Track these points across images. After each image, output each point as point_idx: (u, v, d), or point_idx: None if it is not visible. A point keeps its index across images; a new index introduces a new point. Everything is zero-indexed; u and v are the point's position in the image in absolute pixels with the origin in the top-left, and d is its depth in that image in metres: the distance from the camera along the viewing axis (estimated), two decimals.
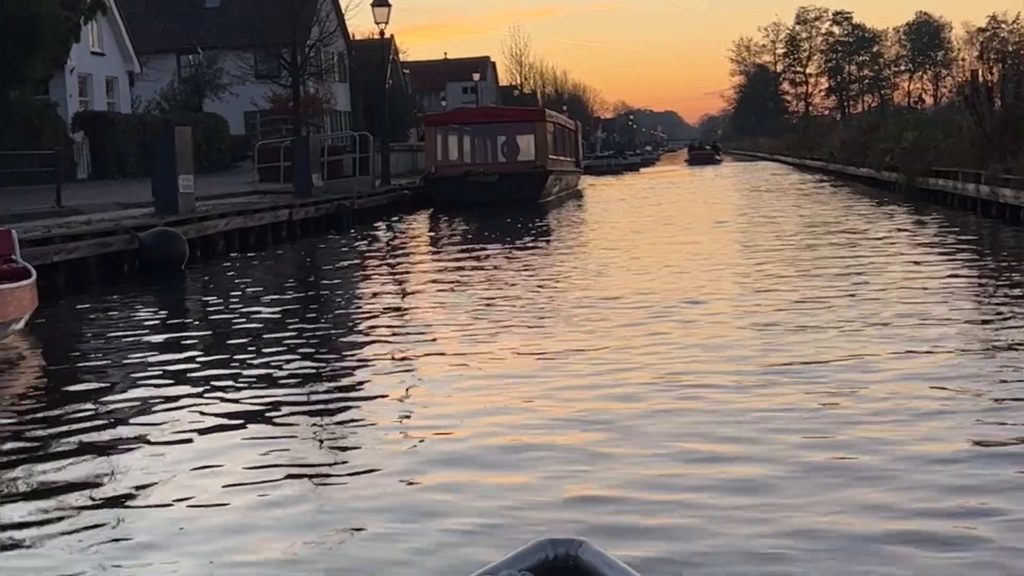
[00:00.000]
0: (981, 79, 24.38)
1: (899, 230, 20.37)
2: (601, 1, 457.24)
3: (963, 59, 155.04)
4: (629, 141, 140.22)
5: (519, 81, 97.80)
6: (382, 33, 69.12)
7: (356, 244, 24.07)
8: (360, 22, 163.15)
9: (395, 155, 51.31)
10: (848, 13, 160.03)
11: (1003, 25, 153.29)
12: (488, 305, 12.69)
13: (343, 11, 71.63)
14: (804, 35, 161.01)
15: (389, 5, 34.39)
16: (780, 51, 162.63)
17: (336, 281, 17.00)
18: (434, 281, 15.67)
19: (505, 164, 36.44)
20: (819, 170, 49.09)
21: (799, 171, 56.12)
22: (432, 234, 26.62)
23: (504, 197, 34.08)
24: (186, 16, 62.40)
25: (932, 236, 19.26)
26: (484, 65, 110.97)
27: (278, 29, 65.52)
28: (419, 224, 29.92)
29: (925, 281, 13.09)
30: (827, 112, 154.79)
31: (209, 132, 47.53)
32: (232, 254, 21.13)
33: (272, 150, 33.08)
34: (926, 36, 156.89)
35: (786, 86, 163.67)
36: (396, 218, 31.14)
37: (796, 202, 30.39)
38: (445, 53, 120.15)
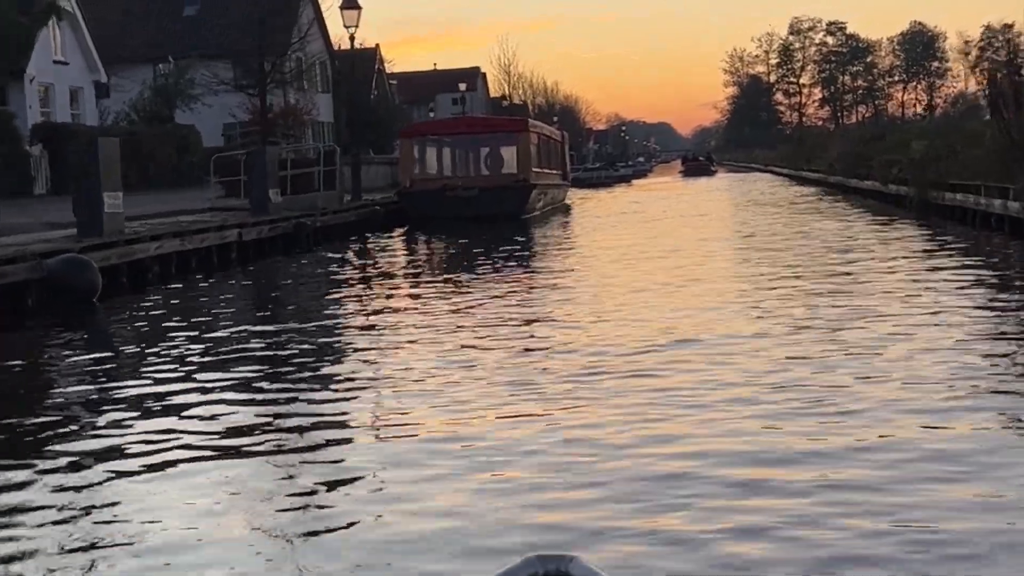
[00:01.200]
0: (1002, 81, 21.82)
1: (917, 254, 17.84)
2: (597, 13, 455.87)
3: (956, 72, 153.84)
4: (621, 152, 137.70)
5: (507, 91, 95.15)
6: (352, 38, 65.49)
7: (313, 268, 21.54)
8: (344, 32, 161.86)
9: (376, 168, 48.80)
10: (842, 23, 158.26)
11: (998, 35, 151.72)
12: (459, 358, 10.05)
13: (324, 19, 69.77)
14: (798, 45, 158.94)
15: (359, 8, 31.87)
16: (773, 61, 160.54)
17: (277, 316, 14.45)
18: (393, 322, 13.14)
19: (486, 177, 33.89)
20: (817, 183, 46.53)
21: (796, 183, 53.64)
22: (401, 256, 24.05)
23: (484, 212, 31.56)
24: (164, 25, 59.94)
25: (956, 261, 16.78)
26: (474, 76, 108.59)
27: (262, 37, 63.08)
28: (389, 244, 27.38)
29: (959, 321, 10.64)
30: (821, 123, 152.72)
31: (180, 144, 45.06)
32: (169, 283, 18.57)
33: (231, 162, 30.54)
34: (920, 46, 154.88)
35: (780, 97, 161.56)
36: (369, 236, 28.69)
37: (798, 218, 27.83)
38: (435, 64, 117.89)
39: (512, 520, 5.46)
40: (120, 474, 6.65)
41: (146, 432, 7.65)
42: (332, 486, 6.23)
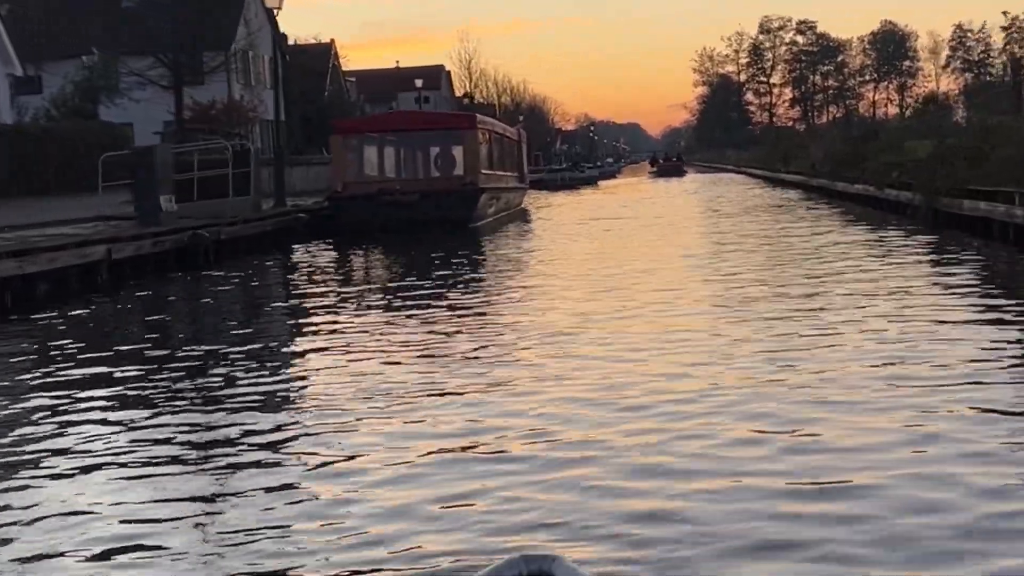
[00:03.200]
0: None
1: (939, 281, 13.76)
2: (566, 14, 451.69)
3: (927, 71, 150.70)
4: (589, 153, 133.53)
5: (468, 89, 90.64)
6: (274, 18, 60.27)
7: (201, 293, 17.27)
8: (299, 28, 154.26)
9: (318, 169, 44.53)
10: (812, 22, 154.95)
11: (969, 34, 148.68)
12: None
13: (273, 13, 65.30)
14: (768, 44, 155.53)
15: None
16: (743, 61, 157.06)
17: (129, 361, 10.19)
18: (290, 376, 9.20)
19: (428, 180, 29.64)
20: (798, 185, 42.29)
21: (773, 186, 49.47)
22: (315, 276, 19.76)
23: (426, 220, 27.35)
24: (99, 16, 55.29)
25: (988, 287, 12.76)
26: (437, 74, 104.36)
27: (199, 30, 58.76)
28: (308, 259, 23.10)
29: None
30: (792, 123, 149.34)
31: (106, 143, 40.57)
32: (9, 316, 14.30)
33: (122, 164, 26.19)
34: (891, 45, 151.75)
35: (750, 96, 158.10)
36: (292, 248, 24.44)
37: (783, 228, 23.67)
38: (397, 62, 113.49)
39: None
40: None
41: None
42: None
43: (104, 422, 7.91)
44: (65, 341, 12.02)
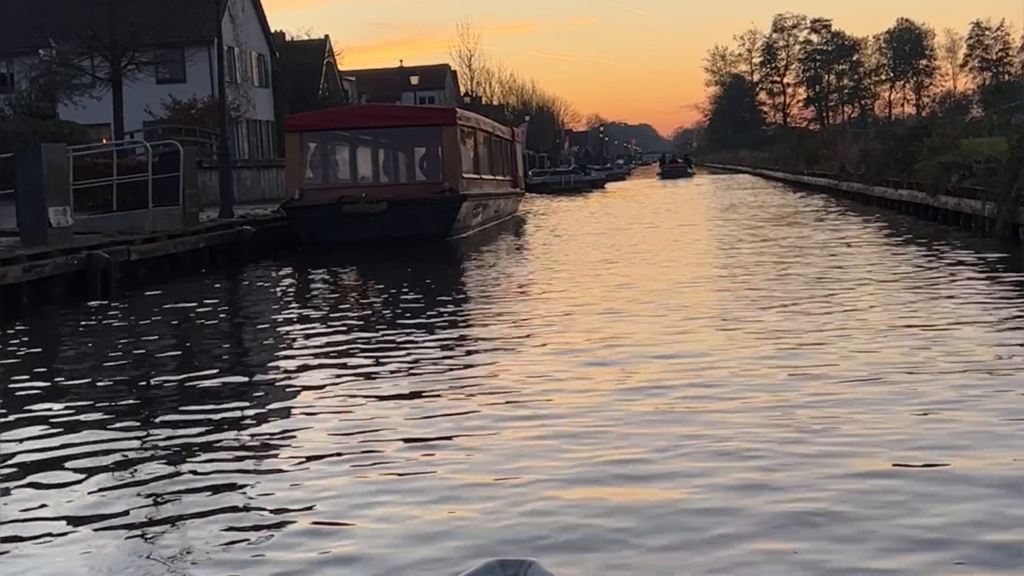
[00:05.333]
0: None
1: None
2: (578, 15, 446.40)
3: (944, 70, 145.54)
4: (597, 154, 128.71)
5: (470, 87, 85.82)
6: (262, 13, 56.33)
7: (63, 339, 12.77)
8: (292, 24, 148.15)
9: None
10: (827, 21, 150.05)
11: (987, 32, 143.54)
12: None
13: (262, 7, 60.92)
14: (781, 43, 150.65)
15: None
16: (757, 60, 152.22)
17: None
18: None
19: (399, 186, 25.05)
20: (825, 190, 37.41)
21: (795, 189, 44.63)
22: (240, 315, 15.25)
23: (397, 234, 22.87)
24: (76, 8, 50.83)
25: None
26: (442, 73, 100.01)
27: (180, 24, 54.40)
28: (241, 286, 18.60)
29: None
30: (806, 123, 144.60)
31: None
32: None
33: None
34: (908, 44, 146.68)
35: (763, 96, 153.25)
36: (242, 267, 19.96)
37: (824, 250, 19.04)
38: (401, 61, 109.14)
39: None
40: None
41: None
42: None
43: None
44: None
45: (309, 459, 6.44)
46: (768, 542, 4.70)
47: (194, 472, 6.26)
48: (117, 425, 7.59)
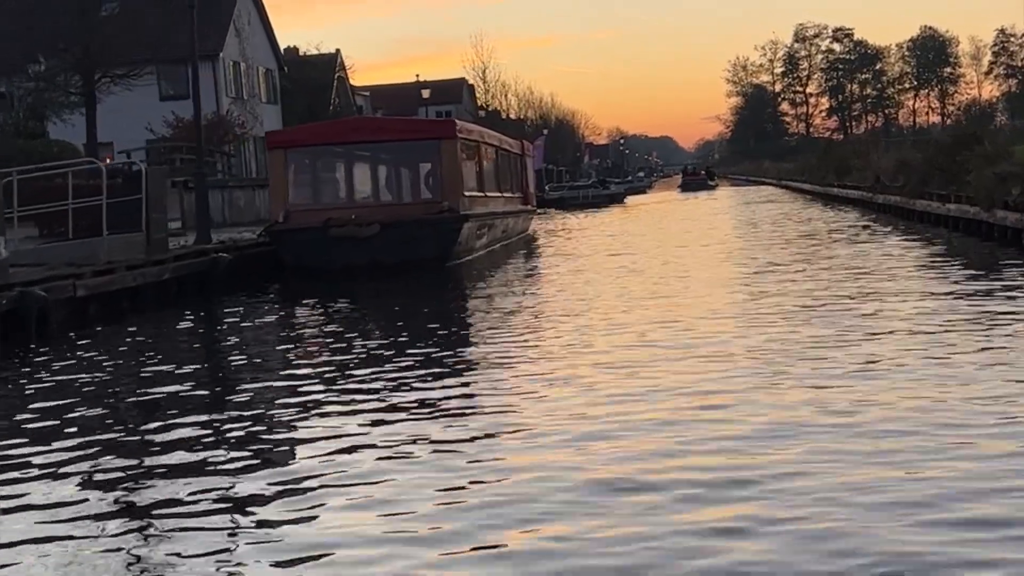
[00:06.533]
0: None
1: None
2: (598, 28, 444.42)
3: (969, 78, 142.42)
4: (617, 166, 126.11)
5: (485, 99, 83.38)
6: (270, 27, 54.66)
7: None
8: (312, 41, 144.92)
9: None
10: (849, 29, 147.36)
11: (1012, 39, 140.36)
12: None
13: (269, 21, 58.76)
14: (803, 53, 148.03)
15: None
16: (778, 70, 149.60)
17: None
18: None
19: (393, 206, 22.60)
20: (858, 203, 34.64)
21: (824, 202, 41.89)
22: (192, 356, 12.84)
23: (391, 259, 20.48)
24: (75, 23, 48.81)
25: None
26: (459, 87, 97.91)
27: (184, 38, 52.34)
28: (205, 326, 16.21)
29: None
30: (829, 133, 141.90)
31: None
32: None
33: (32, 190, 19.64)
34: (931, 52, 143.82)
35: (785, 106, 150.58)
36: (226, 299, 17.58)
37: (879, 275, 16.43)
38: (417, 76, 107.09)
39: None
40: None
41: None
42: None
43: None
44: None
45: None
46: None
47: None
48: None
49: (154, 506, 6.17)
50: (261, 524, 5.74)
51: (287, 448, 7.52)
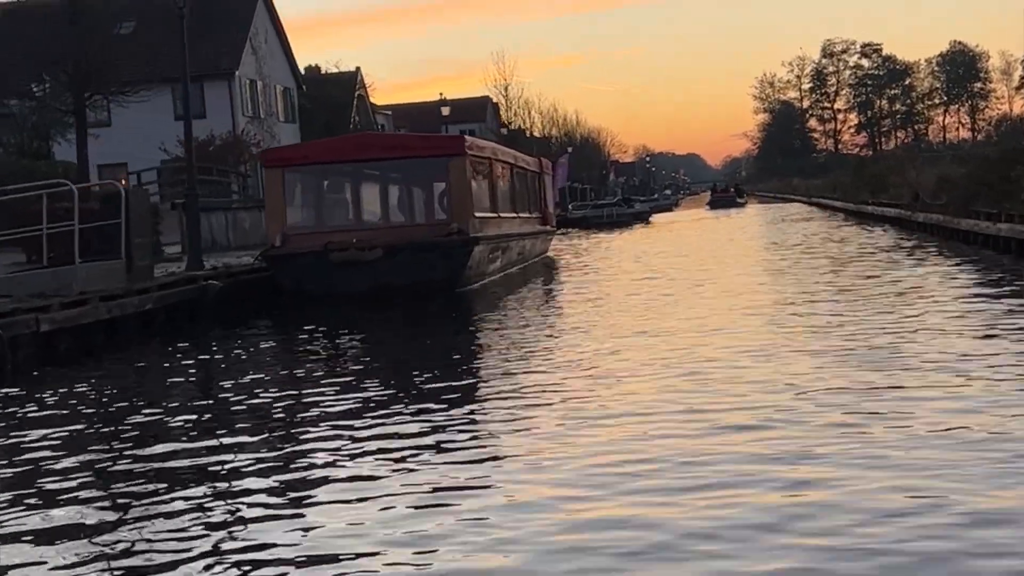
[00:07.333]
0: None
1: None
2: (626, 46, 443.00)
3: (1000, 93, 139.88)
4: (643, 184, 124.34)
5: (508, 116, 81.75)
6: (287, 45, 54.27)
7: None
8: (319, 56, 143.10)
9: None
10: (877, 45, 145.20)
11: None
12: None
13: (287, 38, 57.50)
14: (831, 69, 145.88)
15: None
16: (806, 86, 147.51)
17: None
18: None
19: (398, 228, 20.99)
20: (895, 221, 32.63)
21: (858, 221, 39.89)
22: (155, 400, 11.27)
23: (395, 285, 18.94)
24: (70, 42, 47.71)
25: None
26: (483, 106, 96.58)
27: (199, 57, 51.28)
28: (178, 362, 14.65)
29: None
30: (858, 149, 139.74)
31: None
32: None
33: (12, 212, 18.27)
34: (961, 67, 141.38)
35: (813, 123, 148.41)
36: (220, 329, 16.05)
37: (941, 304, 14.65)
38: (441, 94, 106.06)
39: None
40: None
41: None
42: None
43: None
44: None
45: None
46: None
47: None
48: None
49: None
50: None
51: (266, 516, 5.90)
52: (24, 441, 8.99)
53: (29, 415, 10.33)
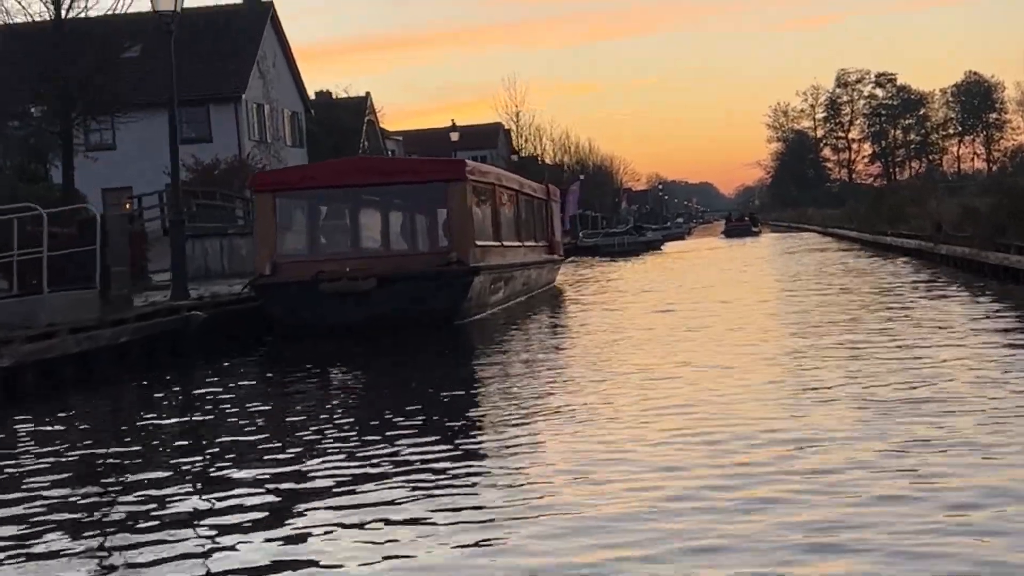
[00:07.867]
0: None
1: None
2: (640, 75, 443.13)
3: (1015, 123, 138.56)
4: (655, 212, 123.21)
5: (518, 143, 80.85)
6: (296, 69, 53.68)
7: None
8: (334, 81, 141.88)
9: None
10: (892, 75, 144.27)
11: None
12: None
13: (296, 64, 56.64)
14: (845, 98, 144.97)
15: None
16: (820, 116, 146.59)
17: None
18: None
19: (394, 257, 19.90)
20: (916, 253, 31.29)
21: (876, 252, 38.54)
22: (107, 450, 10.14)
23: (391, 317, 17.85)
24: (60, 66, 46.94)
25: None
26: (495, 132, 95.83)
27: (205, 80, 50.59)
28: (143, 403, 13.53)
29: None
30: (872, 179, 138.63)
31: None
32: None
33: None
34: (976, 98, 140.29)
35: (827, 152, 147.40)
36: (208, 364, 14.97)
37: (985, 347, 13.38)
38: (452, 120, 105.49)
39: None
40: None
41: None
42: None
43: None
44: None
45: None
46: None
47: None
48: None
49: None
50: None
51: None
52: None
53: None
